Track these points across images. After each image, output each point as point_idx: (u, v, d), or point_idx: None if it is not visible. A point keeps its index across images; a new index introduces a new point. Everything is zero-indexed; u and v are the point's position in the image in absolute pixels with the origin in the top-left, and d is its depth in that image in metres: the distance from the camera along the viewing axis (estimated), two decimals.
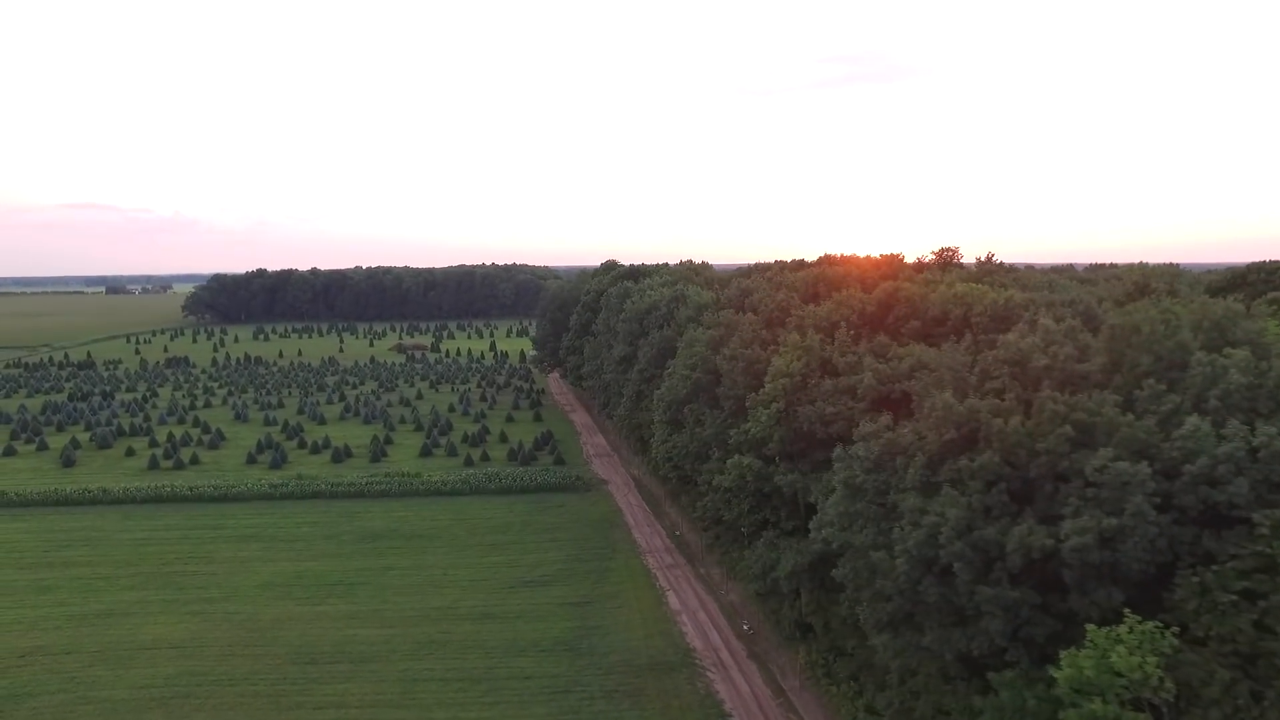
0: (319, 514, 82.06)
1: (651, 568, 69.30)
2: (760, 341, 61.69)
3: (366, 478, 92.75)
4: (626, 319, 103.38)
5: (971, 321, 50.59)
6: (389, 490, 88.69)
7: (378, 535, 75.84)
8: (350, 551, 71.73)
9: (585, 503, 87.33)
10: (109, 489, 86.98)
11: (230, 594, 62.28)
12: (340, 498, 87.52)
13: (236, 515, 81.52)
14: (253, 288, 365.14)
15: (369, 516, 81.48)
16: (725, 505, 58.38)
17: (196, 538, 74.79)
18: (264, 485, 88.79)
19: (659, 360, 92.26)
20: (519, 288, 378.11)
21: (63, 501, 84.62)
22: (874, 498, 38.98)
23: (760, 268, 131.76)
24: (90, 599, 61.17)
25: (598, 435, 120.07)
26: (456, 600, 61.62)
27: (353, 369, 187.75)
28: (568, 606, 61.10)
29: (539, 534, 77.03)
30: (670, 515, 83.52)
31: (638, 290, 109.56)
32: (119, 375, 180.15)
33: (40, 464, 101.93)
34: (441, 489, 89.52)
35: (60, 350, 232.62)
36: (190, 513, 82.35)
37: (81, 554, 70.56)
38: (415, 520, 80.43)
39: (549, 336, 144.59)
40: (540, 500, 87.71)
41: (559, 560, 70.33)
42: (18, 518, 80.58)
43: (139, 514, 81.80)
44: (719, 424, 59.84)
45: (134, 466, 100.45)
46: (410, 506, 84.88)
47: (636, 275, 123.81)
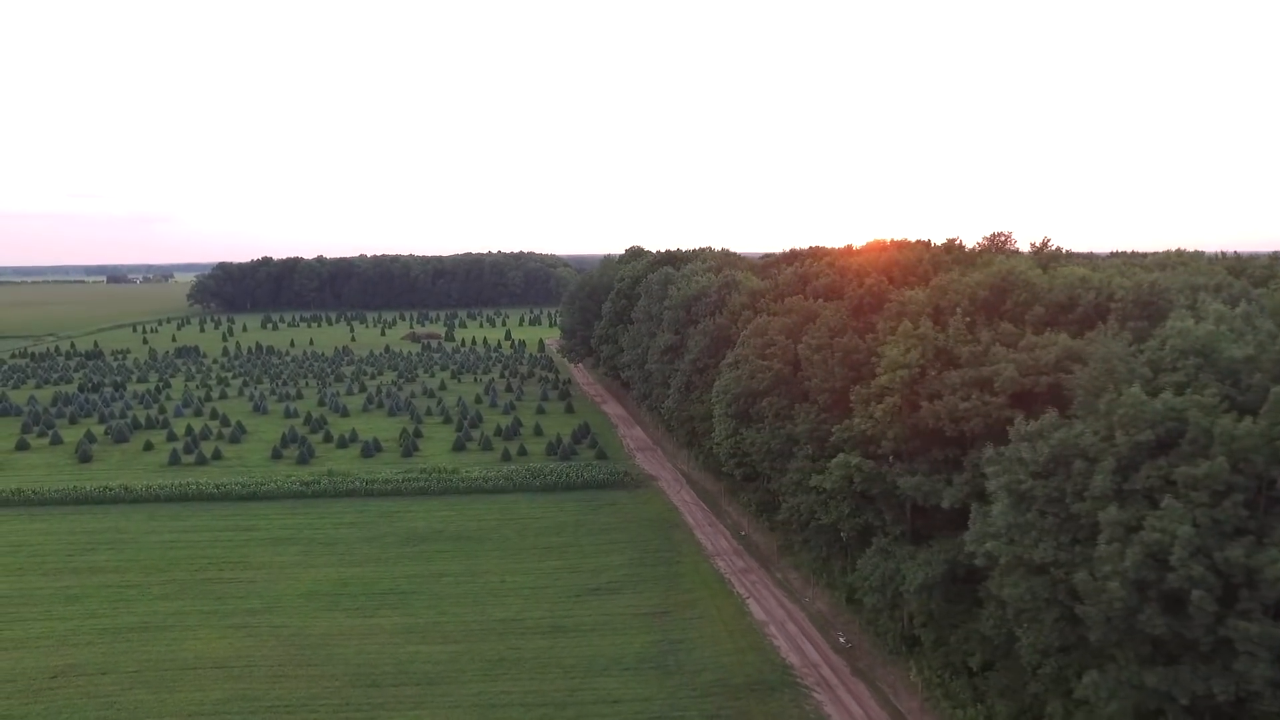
0: (356, 514, 76.81)
1: (723, 572, 64.15)
2: (855, 330, 56.32)
3: (401, 474, 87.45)
4: (672, 306, 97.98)
5: (1111, 308, 45.26)
6: (427, 488, 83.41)
7: (422, 537, 70.63)
8: (395, 556, 66.50)
9: (637, 501, 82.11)
10: (131, 486, 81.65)
11: (273, 604, 57.06)
12: (376, 496, 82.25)
13: (268, 515, 76.26)
14: (258, 276, 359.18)
15: (409, 516, 76.24)
16: (823, 508, 53.08)
17: (228, 540, 69.56)
18: (294, 483, 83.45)
19: (713, 350, 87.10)
20: (528, 276, 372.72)
21: (83, 500, 79.30)
22: (1045, 506, 33.74)
23: (798, 254, 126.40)
24: (122, 610, 55.91)
25: (635, 428, 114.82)
26: (521, 611, 56.42)
27: (368, 358, 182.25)
28: (643, 617, 55.95)
29: (595, 535, 71.84)
30: (730, 514, 78.36)
31: (680, 277, 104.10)
32: (128, 365, 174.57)
33: (55, 459, 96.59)
34: (483, 486, 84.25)
35: (66, 339, 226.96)
36: (218, 512, 77.08)
37: (107, 558, 65.31)
38: (460, 520, 75.21)
39: (578, 325, 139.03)
40: (589, 498, 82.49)
41: (623, 565, 65.16)
42: (36, 517, 75.30)
43: (164, 514, 76.53)
44: (812, 419, 54.48)
45: (153, 462, 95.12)
46: (452, 505, 79.63)
47: (675, 261, 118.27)
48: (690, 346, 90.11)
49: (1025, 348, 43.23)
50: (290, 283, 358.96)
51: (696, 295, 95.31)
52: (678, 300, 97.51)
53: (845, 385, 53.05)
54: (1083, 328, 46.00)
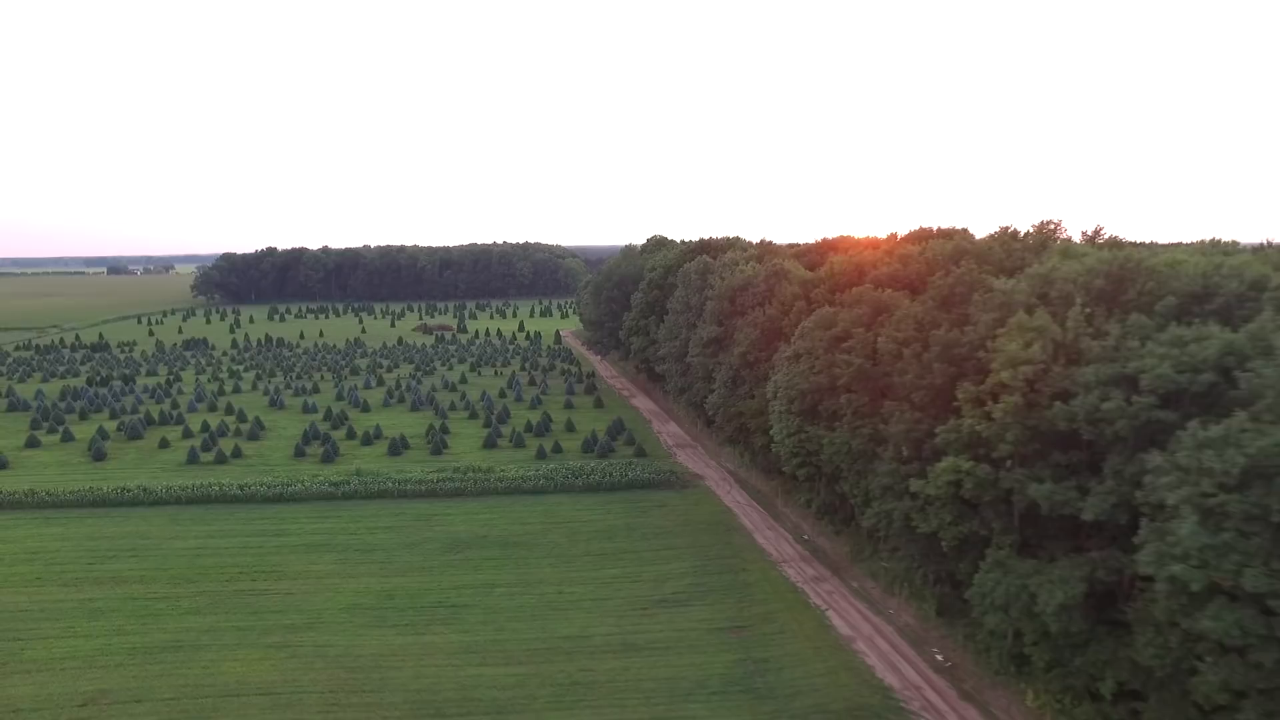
0: (391, 517, 72.18)
1: (794, 581, 59.59)
2: (951, 322, 51.57)
3: (434, 474, 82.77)
4: (714, 297, 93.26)
5: (1265, 298, 40.54)
6: (463, 488, 78.73)
7: (465, 543, 66.02)
8: (440, 564, 61.91)
9: (687, 502, 77.51)
10: (150, 487, 76.93)
11: (314, 620, 52.45)
12: (409, 497, 77.57)
13: (297, 518, 71.62)
14: (263, 266, 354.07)
15: (448, 520, 71.62)
16: (920, 514, 48.45)
17: (258, 547, 64.92)
18: (322, 483, 78.74)
19: (763, 343, 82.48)
20: (536, 267, 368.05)
21: (99, 502, 74.58)
22: (1245, 525, 29.12)
23: (836, 243, 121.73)
24: (151, 626, 51.29)
25: (670, 423, 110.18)
26: (586, 626, 51.85)
27: (381, 350, 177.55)
28: (718, 633, 51.41)
29: (650, 540, 67.26)
30: (789, 516, 73.79)
31: (721, 266, 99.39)
32: (136, 358, 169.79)
33: (67, 457, 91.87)
34: (522, 486, 79.62)
35: (70, 331, 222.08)
36: (244, 516, 72.42)
37: (130, 567, 60.65)
38: (502, 524, 70.61)
39: (605, 317, 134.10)
40: (635, 499, 77.89)
41: (686, 573, 60.61)
42: (52, 521, 70.62)
43: (187, 517, 71.87)
44: (907, 419, 49.77)
45: (171, 460, 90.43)
46: (491, 507, 75.01)
47: (711, 250, 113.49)
48: (738, 339, 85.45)
49: (1172, 342, 38.56)
50: (295, 274, 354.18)
51: (742, 285, 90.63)
52: (721, 290, 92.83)
53: (947, 383, 48.38)
54: (1225, 320, 41.37)
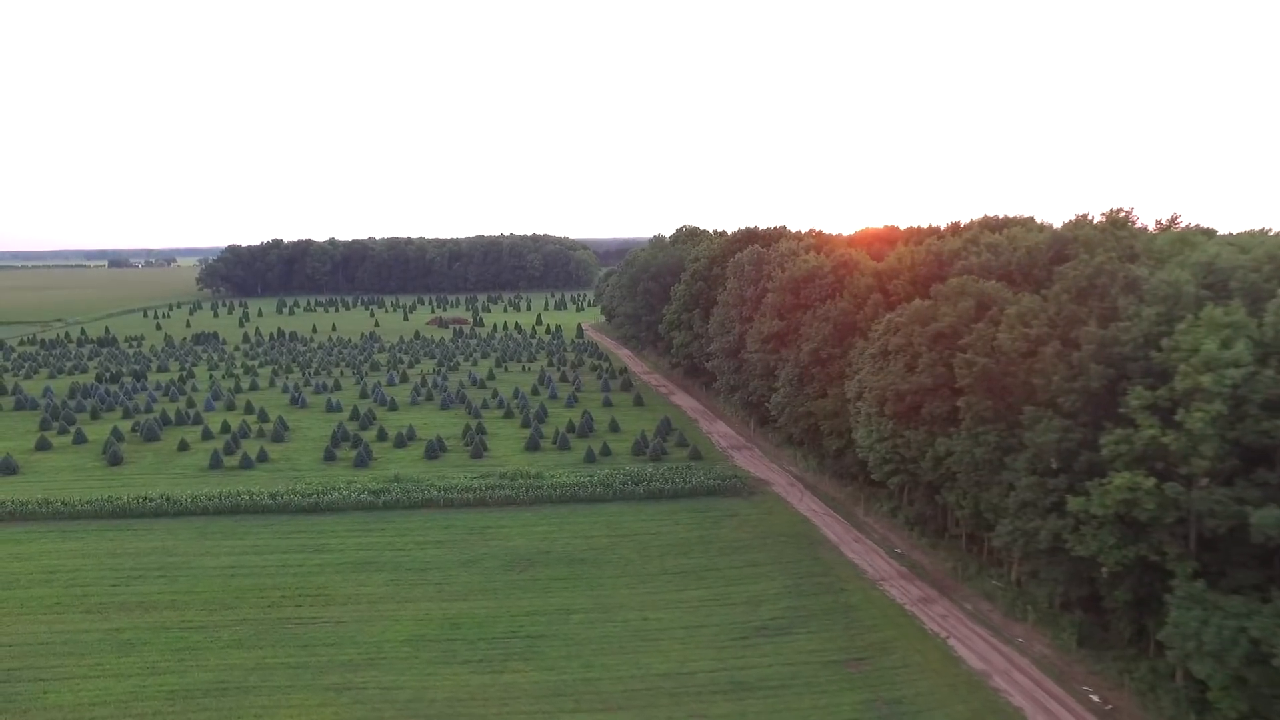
0: (440, 530, 65.89)
1: (900, 602, 53.37)
2: (1096, 318, 45.18)
3: (479, 480, 76.44)
4: (775, 289, 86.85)
5: None
6: (514, 497, 72.43)
7: (528, 560, 59.75)
8: (504, 585, 55.63)
9: (758, 510, 71.24)
10: (173, 496, 70.61)
11: (374, 655, 46.20)
12: (456, 507, 71.24)
13: (337, 532, 65.34)
14: (269, 259, 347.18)
15: (503, 533, 65.36)
16: (1076, 535, 42.06)
17: (298, 565, 58.64)
18: (360, 491, 72.39)
19: (837, 338, 76.24)
20: (547, 259, 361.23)
21: (120, 513, 68.26)
22: None
23: (886, 233, 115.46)
24: (189, 663, 45.01)
25: (718, 422, 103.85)
26: (684, 661, 45.62)
27: (399, 345, 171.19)
28: (835, 667, 45.20)
29: (729, 555, 61.02)
30: (873, 527, 67.53)
31: (779, 256, 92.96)
32: (145, 353, 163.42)
33: (81, 461, 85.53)
34: (577, 494, 73.28)
35: (75, 325, 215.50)
36: (278, 528, 66.13)
37: (159, 589, 54.37)
38: (564, 537, 64.35)
39: (642, 310, 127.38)
40: (702, 507, 71.61)
41: (779, 594, 54.39)
42: (69, 534, 64.32)
43: (216, 530, 65.58)
44: (1058, 428, 43.35)
45: (192, 464, 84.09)
46: (547, 518, 68.76)
47: (762, 239, 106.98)
48: (806, 334, 79.10)
49: None
50: (302, 266, 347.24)
51: (805, 277, 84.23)
52: (782, 282, 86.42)
53: (1106, 386, 42.03)
54: None
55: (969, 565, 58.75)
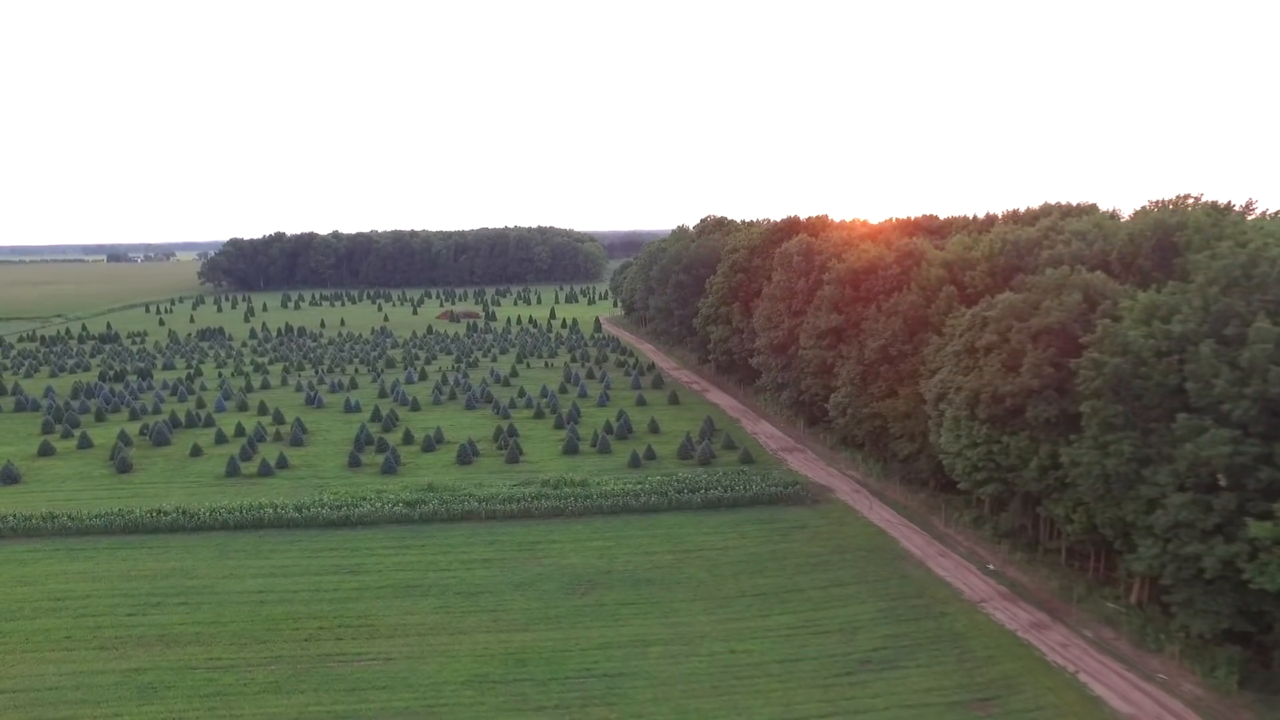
0: (485, 546, 59.96)
1: (1011, 629, 47.55)
2: (1267, 313, 39.28)
3: (519, 489, 70.47)
4: (832, 281, 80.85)
5: None
6: (563, 508, 66.47)
7: (588, 580, 53.78)
8: (567, 611, 49.76)
9: (827, 520, 65.43)
10: (190, 509, 64.61)
11: (432, 700, 40.31)
12: (499, 519, 65.31)
13: (373, 549, 59.41)
14: (271, 252, 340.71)
15: (555, 549, 59.47)
16: (1254, 564, 36.21)
17: (333, 589, 52.70)
18: (393, 502, 66.35)
19: (907, 334, 70.46)
20: (555, 251, 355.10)
21: (131, 527, 62.28)
22: None
23: (925, 222, 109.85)
24: (223, 713, 39.00)
25: (762, 422, 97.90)
26: (787, 703, 39.75)
27: (413, 340, 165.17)
28: (960, 709, 39.42)
29: (808, 573, 55.18)
30: (957, 540, 61.70)
31: (833, 246, 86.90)
32: (150, 350, 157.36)
33: (87, 468, 79.53)
34: (629, 504, 67.33)
35: (75, 321, 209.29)
36: (307, 545, 60.18)
37: (180, 619, 48.45)
38: (623, 554, 58.45)
39: (674, 304, 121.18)
40: (765, 517, 65.77)
41: (874, 618, 48.59)
42: (77, 553, 58.35)
43: (239, 547, 59.63)
44: (1224, 439, 37.40)
45: (207, 472, 78.10)
46: (600, 531, 62.87)
47: (808, 228, 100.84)
48: (872, 329, 73.22)
49: None
50: (305, 259, 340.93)
51: (866, 268, 78.23)
52: (839, 273, 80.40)
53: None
54: None
55: (1076, 585, 52.96)
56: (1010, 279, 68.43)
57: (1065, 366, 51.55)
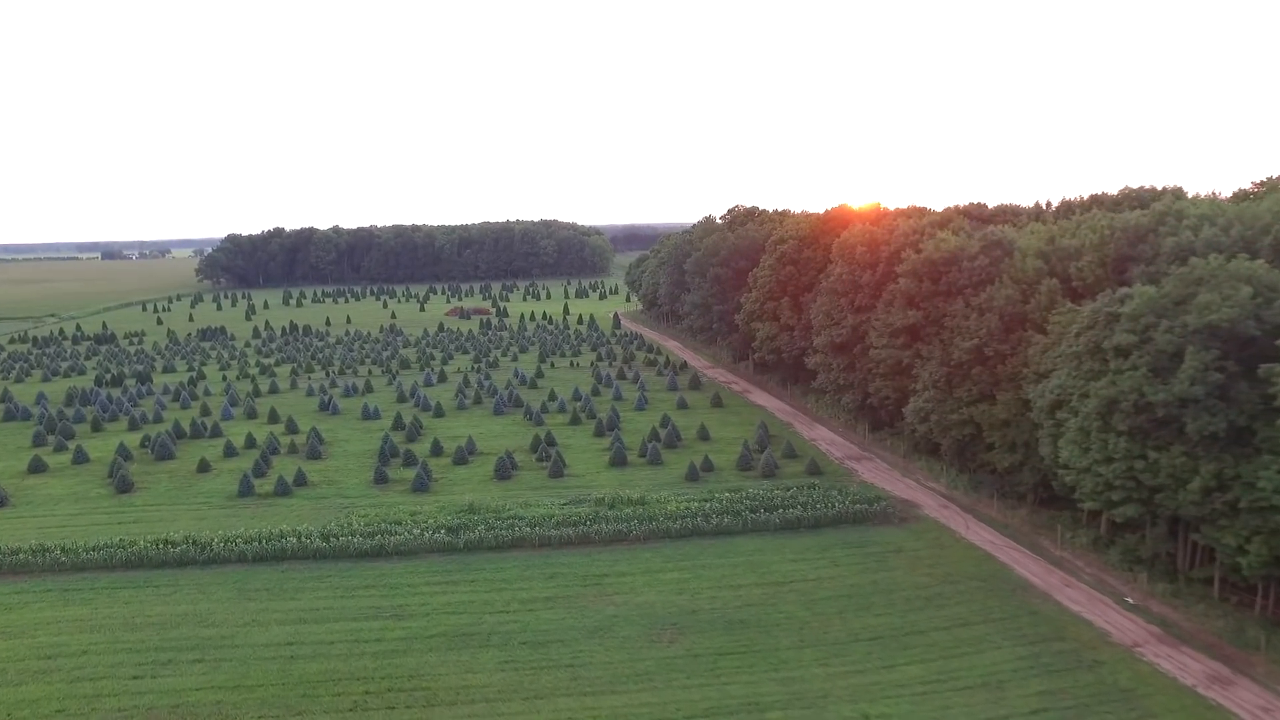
0: (544, 580, 52.14)
1: (1188, 684, 39.95)
2: None
3: (571, 509, 62.70)
4: (908, 274, 73.11)
5: None
6: (625, 532, 58.45)
7: (672, 624, 46.07)
8: (655, 665, 41.98)
9: (923, 543, 57.78)
10: (202, 539, 56.64)
11: None
12: (554, 546, 57.45)
13: (415, 585, 51.54)
14: (270, 248, 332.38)
15: (625, 582, 51.65)
16: None
17: (376, 639, 44.85)
18: (434, 529, 58.28)
19: (1003, 334, 62.94)
20: (561, 244, 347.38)
21: (135, 562, 54.34)
22: None
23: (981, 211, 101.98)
24: None
25: (817, 427, 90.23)
26: None
27: (425, 338, 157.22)
28: None
29: (922, 609, 47.51)
30: (1079, 566, 54.05)
31: (905, 235, 79.11)
32: (148, 350, 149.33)
33: (83, 487, 71.58)
34: (700, 526, 59.51)
35: (70, 320, 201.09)
36: (338, 582, 52.27)
37: (197, 683, 40.55)
38: (704, 588, 50.71)
39: (712, 299, 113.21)
40: (853, 540, 58.10)
41: (1017, 667, 40.95)
42: (71, 595, 50.40)
43: (260, 585, 51.73)
44: None
45: (217, 491, 70.21)
46: (673, 560, 55.07)
47: (860, 216, 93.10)
48: (962, 327, 65.54)
49: None
50: (305, 255, 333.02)
51: (946, 259, 70.49)
52: (914, 265, 72.65)
53: None
54: None
55: (1246, 628, 45.35)
56: (1123, 270, 60.92)
57: (1233, 371, 44.08)
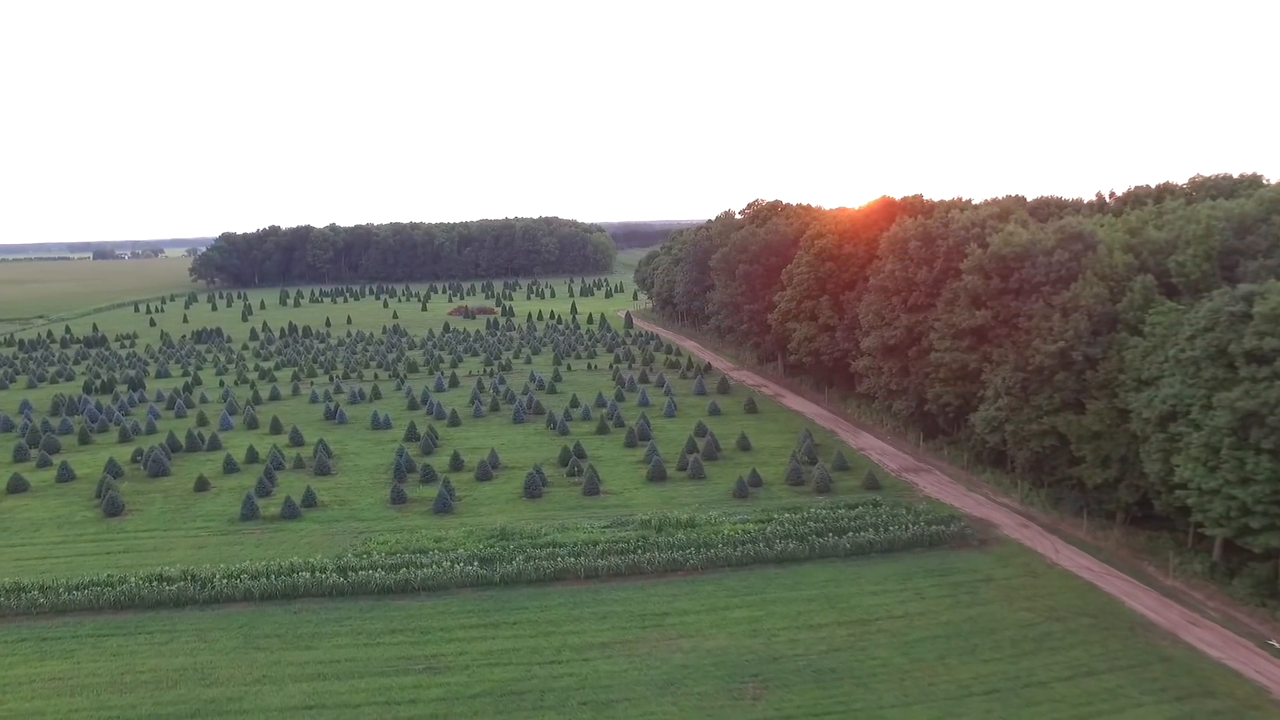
0: (595, 620, 45.50)
1: None
2: None
3: (615, 532, 56.15)
4: (973, 270, 66.72)
5: None
6: (681, 561, 51.41)
7: (753, 674, 39.70)
8: None
9: (1012, 570, 51.38)
10: (201, 574, 49.86)
11: None
12: (602, 579, 50.69)
13: (448, 628, 44.89)
14: (266, 247, 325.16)
15: (690, 623, 44.97)
16: None
17: (410, 699, 38.19)
18: (466, 559, 51.46)
19: (1091, 336, 56.93)
20: (563, 242, 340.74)
21: (125, 603, 47.57)
22: None
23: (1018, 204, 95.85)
24: None
25: (862, 434, 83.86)
26: None
27: (431, 340, 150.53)
28: None
29: (1035, 654, 40.97)
30: (1194, 597, 47.75)
31: (963, 229, 72.71)
32: (140, 354, 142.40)
33: (68, 510, 64.80)
34: (762, 553, 52.67)
35: (59, 322, 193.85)
36: (360, 625, 45.59)
37: None
38: (780, 629, 44.17)
39: (742, 298, 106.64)
40: (934, 567, 51.61)
41: None
42: (51, 645, 43.65)
43: (269, 629, 45.11)
44: None
45: (217, 513, 63.50)
46: (737, 593, 48.47)
47: (905, 208, 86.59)
48: (1042, 328, 59.17)
49: None
50: (302, 254, 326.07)
51: (1016, 255, 64.10)
52: (980, 261, 66.23)
53: None
54: None
55: None
56: (1232, 265, 54.80)
57: None
